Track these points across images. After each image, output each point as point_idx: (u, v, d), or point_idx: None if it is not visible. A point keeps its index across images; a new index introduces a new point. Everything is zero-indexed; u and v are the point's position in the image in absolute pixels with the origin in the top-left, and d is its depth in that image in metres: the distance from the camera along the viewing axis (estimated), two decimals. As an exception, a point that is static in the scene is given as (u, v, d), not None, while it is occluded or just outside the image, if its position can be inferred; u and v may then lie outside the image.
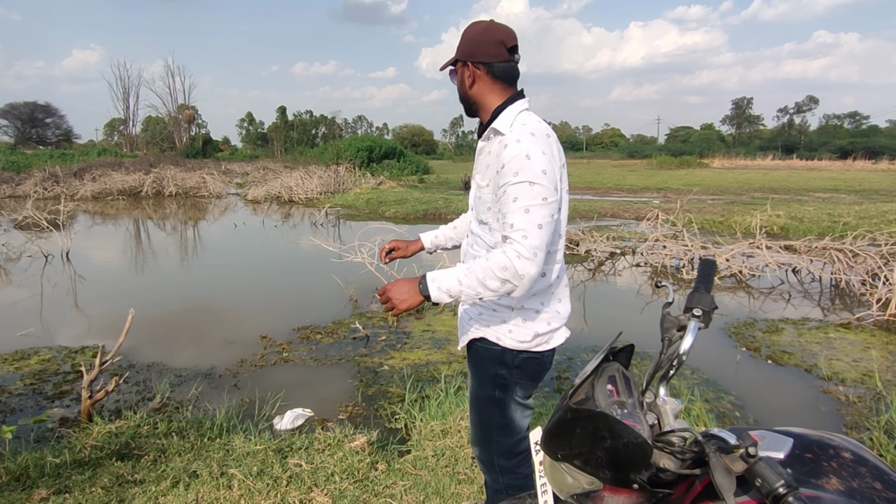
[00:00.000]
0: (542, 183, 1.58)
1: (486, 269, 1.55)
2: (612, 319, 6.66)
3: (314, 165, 27.19)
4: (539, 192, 1.57)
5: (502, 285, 1.55)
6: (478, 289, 1.56)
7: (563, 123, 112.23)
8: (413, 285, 1.62)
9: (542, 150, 1.63)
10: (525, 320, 1.81)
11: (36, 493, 2.60)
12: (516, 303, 1.80)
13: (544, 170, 1.59)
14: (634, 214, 15.87)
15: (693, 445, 1.12)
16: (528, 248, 1.54)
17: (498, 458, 1.93)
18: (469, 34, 1.79)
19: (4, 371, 4.88)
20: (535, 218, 1.56)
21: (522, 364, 1.84)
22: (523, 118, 1.73)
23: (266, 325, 6.12)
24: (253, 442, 3.24)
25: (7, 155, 36.34)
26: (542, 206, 1.57)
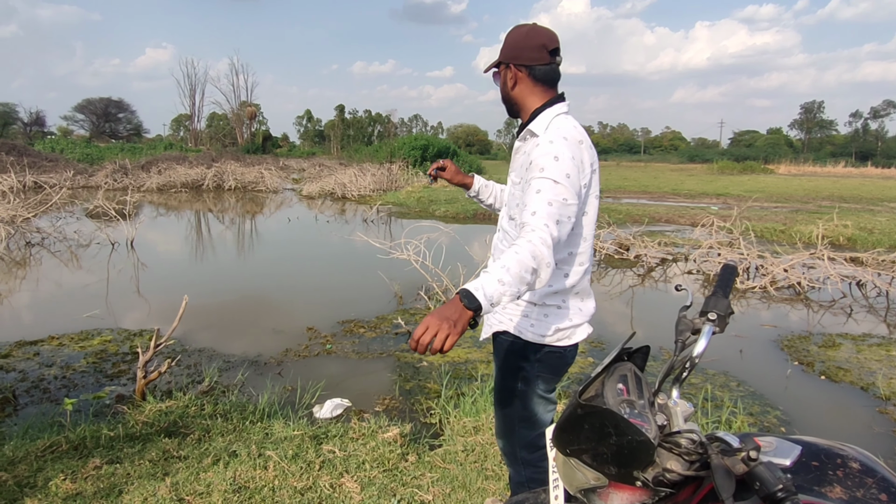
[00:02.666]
0: (564, 185, 1.61)
1: (522, 263, 1.46)
2: (660, 326, 6.52)
3: (368, 163, 27.65)
4: (561, 192, 1.61)
5: (534, 276, 1.49)
6: (518, 286, 1.46)
7: (622, 125, 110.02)
8: (454, 305, 1.41)
9: (571, 154, 1.67)
10: (546, 315, 1.85)
11: (91, 462, 2.79)
12: (538, 299, 1.84)
13: (568, 174, 1.63)
14: (690, 220, 15.42)
15: (699, 448, 1.12)
16: (548, 237, 1.53)
17: (520, 451, 1.98)
18: (512, 37, 1.82)
19: (71, 349, 5.21)
20: (554, 213, 1.58)
21: (544, 358, 1.88)
22: (559, 122, 1.77)
23: (312, 317, 6.30)
24: (291, 427, 3.36)
25: (82, 147, 38.53)
26: (561, 205, 1.60)
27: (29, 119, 61.43)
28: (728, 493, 0.98)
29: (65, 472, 2.69)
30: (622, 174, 40.37)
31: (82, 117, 65.79)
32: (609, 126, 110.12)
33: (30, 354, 5.04)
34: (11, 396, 4.16)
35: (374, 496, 2.56)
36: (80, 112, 65.57)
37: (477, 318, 1.42)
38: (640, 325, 6.56)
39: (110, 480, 2.63)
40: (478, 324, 1.45)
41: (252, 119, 62.45)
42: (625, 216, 15.53)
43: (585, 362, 5.13)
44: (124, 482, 2.62)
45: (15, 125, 60.12)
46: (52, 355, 5.04)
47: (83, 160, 31.20)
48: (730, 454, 1.04)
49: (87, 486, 2.58)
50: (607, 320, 6.75)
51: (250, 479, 2.62)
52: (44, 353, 5.08)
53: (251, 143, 56.75)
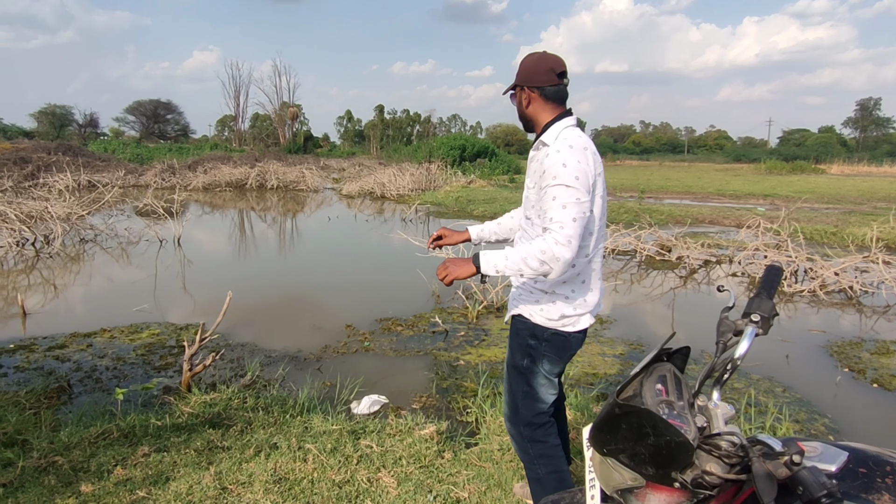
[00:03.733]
0: (575, 186, 1.88)
1: (528, 250, 1.85)
2: (701, 329, 6.37)
3: (407, 163, 27.83)
4: (573, 194, 1.88)
5: (540, 266, 1.84)
6: (520, 265, 1.86)
7: (664, 124, 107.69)
8: (467, 260, 1.94)
9: (577, 159, 1.93)
10: (555, 302, 2.12)
11: (140, 450, 2.90)
12: (549, 287, 2.11)
13: (577, 176, 1.90)
14: (735, 221, 15.01)
15: (739, 450, 1.10)
16: (564, 236, 1.83)
17: (523, 429, 2.22)
18: (525, 64, 2.12)
19: (121, 342, 5.42)
20: (570, 213, 1.85)
21: (550, 339, 2.14)
22: (566, 133, 2.03)
23: (351, 315, 6.39)
24: (330, 422, 3.42)
25: (133, 148, 39.96)
26: (576, 204, 1.87)
27: (84, 121, 64.04)
28: (769, 497, 0.96)
29: (116, 459, 2.81)
30: (665, 174, 39.56)
31: (133, 119, 68.20)
32: (651, 125, 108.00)
33: (83, 346, 5.26)
34: (67, 385, 4.36)
35: (411, 491, 2.59)
36: (131, 114, 67.98)
37: (482, 275, 1.91)
38: (681, 327, 6.43)
39: (158, 468, 2.73)
40: (486, 281, 2.04)
41: (294, 119, 63.59)
42: (667, 217, 15.22)
43: (625, 364, 5.06)
44: (171, 469, 2.72)
45: (71, 126, 62.75)
46: (104, 347, 5.25)
47: (133, 160, 32.35)
48: (772, 458, 1.02)
49: (137, 473, 2.68)
50: (647, 322, 6.64)
51: (290, 470, 2.69)
52: (96, 345, 5.30)
53: (293, 143, 57.79)
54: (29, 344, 5.27)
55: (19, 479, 2.67)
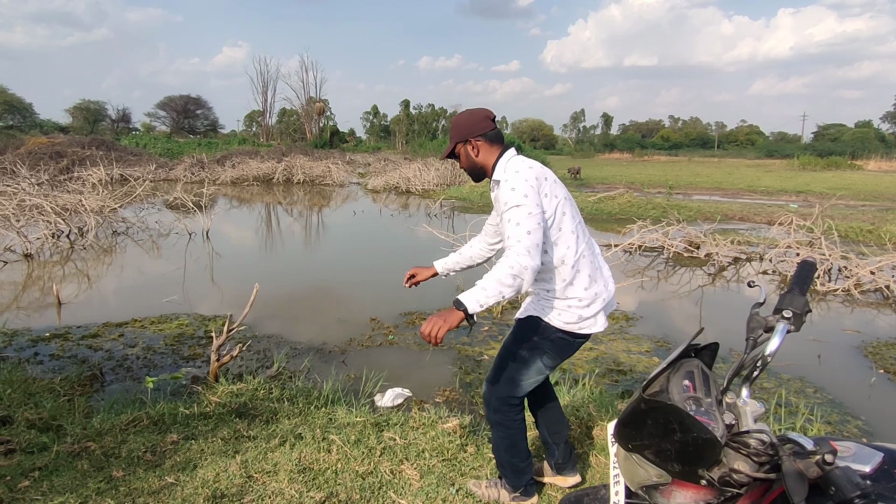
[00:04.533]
0: (523, 204, 2.06)
1: (498, 272, 1.97)
2: (730, 327, 6.25)
3: (432, 158, 27.82)
4: (523, 210, 2.05)
5: (514, 280, 1.96)
6: (498, 288, 1.96)
7: (694, 119, 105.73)
8: (449, 310, 1.98)
9: (523, 178, 2.12)
10: (570, 307, 2.26)
11: (168, 437, 2.96)
12: (561, 294, 2.26)
13: (525, 193, 2.08)
14: (766, 218, 14.69)
15: (769, 449, 1.08)
16: (523, 248, 1.99)
17: (494, 400, 2.40)
18: (461, 121, 2.32)
19: (151, 332, 5.54)
20: (523, 228, 2.03)
21: (556, 340, 2.30)
22: (510, 163, 2.24)
23: (375, 308, 6.42)
24: (353, 414, 3.44)
25: (163, 143, 40.72)
26: (527, 218, 2.04)
27: (116, 116, 65.51)
28: (800, 496, 0.93)
29: (146, 445, 2.87)
30: (693, 170, 38.90)
31: (164, 114, 69.49)
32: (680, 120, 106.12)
33: (115, 335, 5.39)
34: (99, 373, 4.46)
35: (433, 484, 2.59)
36: (162, 109, 69.27)
37: (469, 318, 1.96)
38: (709, 325, 6.32)
39: (186, 455, 2.78)
40: (474, 322, 2.02)
41: (320, 115, 64.09)
42: (695, 213, 14.97)
43: (650, 362, 5.00)
44: (199, 457, 2.76)
45: (104, 122, 64.24)
46: (134, 337, 5.37)
47: (164, 154, 32.97)
48: (803, 457, 0.99)
49: (166, 460, 2.74)
50: (674, 319, 6.54)
51: (314, 461, 2.71)
52: (127, 335, 5.42)
53: (319, 138, 58.27)
54: (64, 333, 5.42)
55: (54, 462, 2.74)
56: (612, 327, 5.94)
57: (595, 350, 5.23)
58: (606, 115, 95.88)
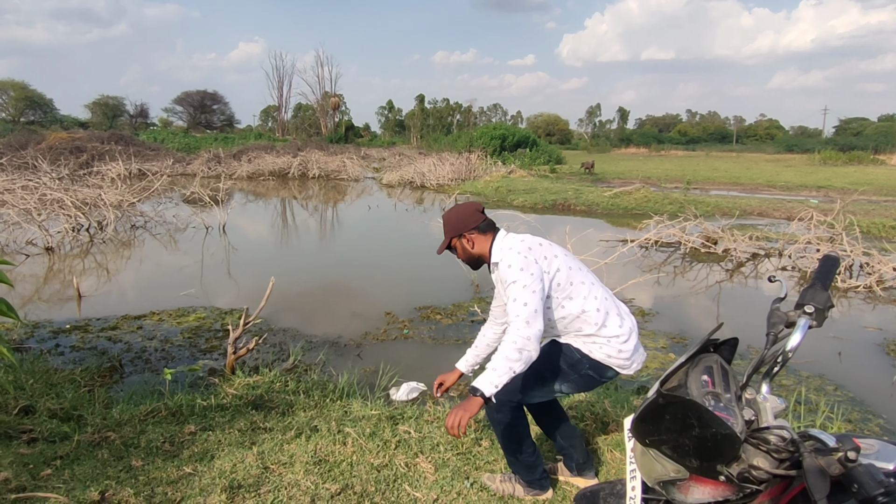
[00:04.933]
0: (518, 278, 2.18)
1: (505, 351, 2.07)
2: (748, 324, 6.18)
3: (447, 152, 27.81)
4: (519, 284, 2.17)
5: (520, 354, 2.06)
6: (508, 365, 2.05)
7: (712, 113, 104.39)
8: (467, 399, 2.07)
9: (517, 252, 2.25)
10: (609, 342, 2.29)
11: (186, 427, 3.00)
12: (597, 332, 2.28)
13: (521, 267, 2.20)
14: (786, 214, 14.49)
15: (789, 445, 1.06)
16: (522, 320, 2.10)
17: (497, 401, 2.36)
18: (452, 218, 2.45)
19: (169, 325, 5.60)
20: (520, 300, 2.14)
21: (585, 376, 2.35)
22: (504, 244, 2.36)
23: (390, 303, 6.44)
24: (368, 407, 3.46)
25: (181, 138, 41.12)
26: (523, 292, 2.15)
27: (134, 111, 66.20)
28: (821, 494, 0.92)
29: (164, 436, 2.91)
30: (711, 164, 38.45)
31: (181, 109, 70.07)
32: (698, 114, 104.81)
33: (134, 328, 5.46)
34: (118, 365, 4.53)
35: (448, 477, 2.60)
36: (179, 104, 69.85)
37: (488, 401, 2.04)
38: (727, 322, 6.25)
39: (203, 446, 2.81)
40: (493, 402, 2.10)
41: (336, 109, 64.25)
42: (713, 209, 14.79)
43: (666, 358, 4.96)
44: (216, 448, 2.79)
45: (122, 117, 64.94)
46: (153, 329, 5.44)
47: (181, 149, 33.26)
48: (825, 453, 0.97)
49: (184, 450, 2.77)
50: (690, 316, 6.48)
51: (330, 453, 2.73)
52: (146, 327, 5.49)
53: (334, 133, 58.44)
54: (84, 325, 5.50)
55: (75, 451, 2.79)
56: (627, 323, 5.90)
57: (610, 345, 5.19)
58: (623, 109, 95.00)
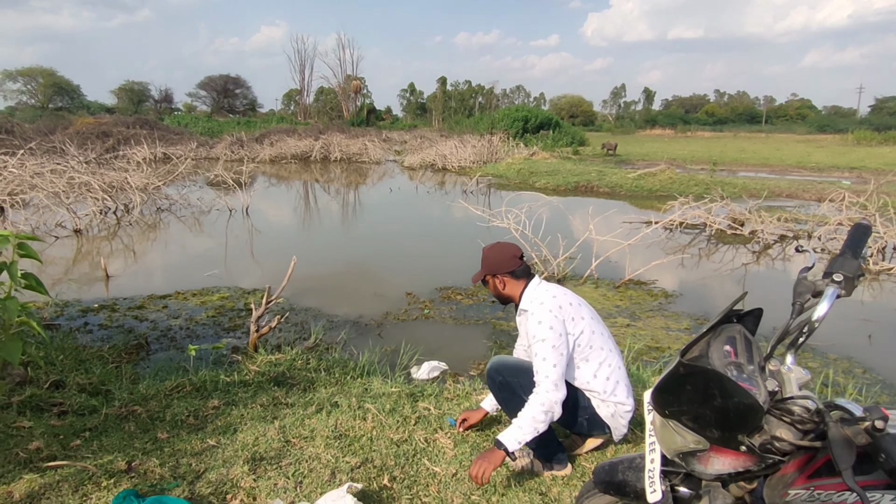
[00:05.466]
0: (548, 337, 2.31)
1: (532, 411, 2.24)
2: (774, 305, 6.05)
3: (469, 135, 27.63)
4: (548, 343, 2.30)
5: (546, 415, 2.24)
6: (533, 426, 2.23)
7: (741, 93, 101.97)
8: (491, 451, 2.23)
9: (548, 309, 2.37)
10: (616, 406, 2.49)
11: (210, 402, 3.05)
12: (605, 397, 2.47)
13: (551, 326, 2.32)
14: (816, 195, 14.15)
15: (814, 416, 1.03)
16: (551, 383, 2.26)
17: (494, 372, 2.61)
18: (490, 258, 2.58)
19: (194, 304, 5.69)
20: (550, 361, 2.28)
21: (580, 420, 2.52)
22: (535, 294, 2.49)
23: (412, 283, 6.45)
24: (389, 385, 3.48)
25: (204, 122, 41.54)
26: (551, 352, 2.29)
27: (159, 96, 66.98)
28: (847, 464, 0.89)
29: (188, 410, 2.96)
30: (739, 146, 37.63)
31: (204, 94, 70.66)
32: (727, 94, 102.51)
33: (159, 307, 5.56)
34: (145, 342, 4.62)
35: (467, 453, 2.60)
36: (203, 89, 70.44)
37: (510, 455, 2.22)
38: (752, 303, 6.13)
39: (227, 420, 2.86)
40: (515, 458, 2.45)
41: (357, 93, 64.26)
42: (740, 190, 14.50)
43: (689, 339, 4.88)
44: (239, 422, 2.84)
45: (147, 102, 65.79)
46: (178, 308, 5.53)
47: (205, 133, 33.62)
48: (851, 423, 0.94)
49: (208, 424, 2.82)
50: (715, 297, 6.38)
51: (350, 427, 2.75)
52: (171, 307, 5.59)
53: (356, 116, 58.49)
54: (111, 304, 5.61)
55: (103, 424, 2.85)
56: (650, 304, 5.84)
57: (632, 327, 5.15)
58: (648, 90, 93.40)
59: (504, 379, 2.55)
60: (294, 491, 2.22)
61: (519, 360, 2.69)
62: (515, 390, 2.50)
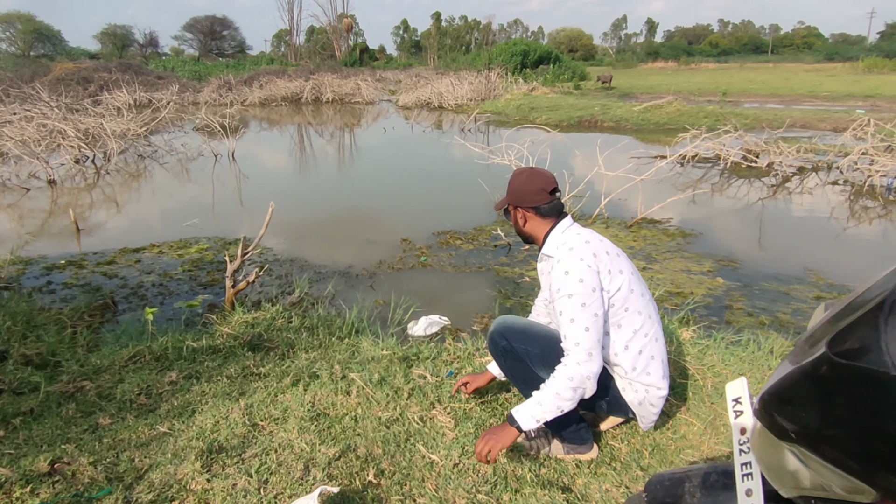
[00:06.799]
0: (577, 292, 1.84)
1: (558, 386, 1.80)
2: (792, 246, 5.58)
3: (465, 71, 26.48)
4: (576, 301, 1.83)
5: (575, 393, 1.80)
6: (557, 403, 1.80)
7: (746, 22, 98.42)
8: (502, 427, 1.86)
9: (579, 257, 1.89)
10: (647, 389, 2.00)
11: (167, 376, 2.60)
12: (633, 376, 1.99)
13: (581, 278, 1.85)
14: (832, 125, 13.44)
15: None
16: (583, 353, 1.81)
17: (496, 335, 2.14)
18: (515, 185, 2.09)
19: (169, 257, 5.22)
20: (580, 323, 1.82)
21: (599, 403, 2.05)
22: (565, 238, 2.01)
23: (407, 228, 5.96)
24: (379, 346, 3.04)
25: (191, 66, 39.94)
26: (581, 311, 1.83)
27: (144, 40, 64.47)
28: None
29: (141, 386, 2.52)
30: (746, 76, 36.26)
31: (191, 36, 68.01)
32: (731, 24, 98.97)
33: (131, 262, 5.09)
34: (111, 302, 4.17)
35: (471, 434, 2.17)
36: (189, 31, 67.74)
37: (525, 433, 1.86)
38: (770, 245, 5.66)
39: (184, 398, 2.42)
40: (532, 437, 2.06)
41: (349, 31, 61.86)
42: (752, 121, 13.75)
43: (714, 283, 4.42)
44: (198, 400, 2.40)
45: (132, 47, 63.38)
46: (151, 263, 5.06)
47: (192, 78, 32.27)
48: None
49: (161, 403, 2.38)
50: (736, 235, 5.89)
51: (330, 405, 2.31)
52: (144, 261, 5.11)
53: (349, 56, 56.46)
54: (79, 260, 5.14)
55: (41, 406, 2.42)
56: (668, 244, 5.35)
57: (649, 270, 4.68)
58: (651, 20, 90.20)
59: (509, 344, 2.08)
60: (257, 494, 1.78)
61: (528, 322, 2.22)
62: (522, 358, 2.05)
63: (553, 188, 2.06)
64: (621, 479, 1.93)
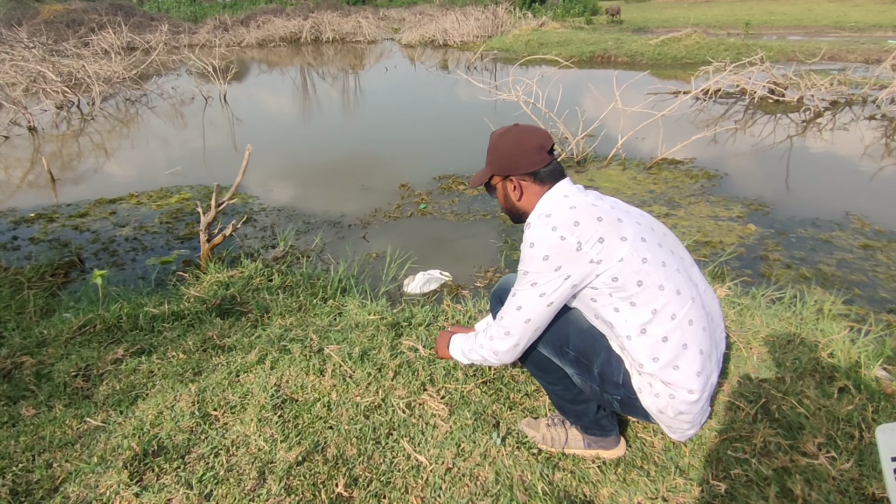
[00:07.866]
0: (533, 272, 1.49)
1: (474, 344, 1.65)
2: (829, 187, 5.07)
3: (471, 7, 25.15)
4: (529, 281, 1.50)
5: (483, 360, 1.64)
6: (471, 356, 1.67)
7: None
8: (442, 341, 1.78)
9: (552, 227, 1.48)
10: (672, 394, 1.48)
11: (112, 353, 2.22)
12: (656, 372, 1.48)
13: (546, 255, 1.47)
14: (862, 56, 12.55)
15: None
16: (502, 328, 1.56)
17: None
18: (502, 147, 1.63)
19: (148, 208, 4.80)
20: (516, 301, 1.54)
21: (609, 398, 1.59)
22: (546, 200, 1.59)
23: (406, 173, 5.48)
24: (367, 309, 2.63)
25: (186, 6, 38.37)
26: (529, 292, 1.51)
27: (138, -20, 62.08)
28: None
29: (79, 366, 2.14)
30: (766, 7, 34.32)
31: (187, -24, 65.40)
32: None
33: (106, 213, 4.68)
34: (78, 260, 3.79)
35: (468, 425, 1.77)
36: (185, -30, 65.09)
37: None
38: (804, 187, 5.15)
39: (129, 380, 2.04)
40: None
41: (350, -33, 59.08)
42: (776, 53, 12.86)
43: (745, 230, 3.96)
44: (144, 383, 2.01)
45: (127, -12, 61.07)
46: (127, 215, 4.65)
47: (188, 19, 31.00)
48: None
49: (99, 387, 2.01)
50: (765, 176, 5.36)
51: (299, 388, 1.92)
52: (120, 213, 4.70)
53: (350, -6, 54.11)
54: (51, 212, 4.74)
55: (-35, 390, 2.06)
56: (691, 187, 4.86)
57: (673, 217, 4.21)
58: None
59: None
60: (195, 513, 1.41)
61: None
62: None
63: (550, 146, 1.61)
64: (657, 488, 1.53)
